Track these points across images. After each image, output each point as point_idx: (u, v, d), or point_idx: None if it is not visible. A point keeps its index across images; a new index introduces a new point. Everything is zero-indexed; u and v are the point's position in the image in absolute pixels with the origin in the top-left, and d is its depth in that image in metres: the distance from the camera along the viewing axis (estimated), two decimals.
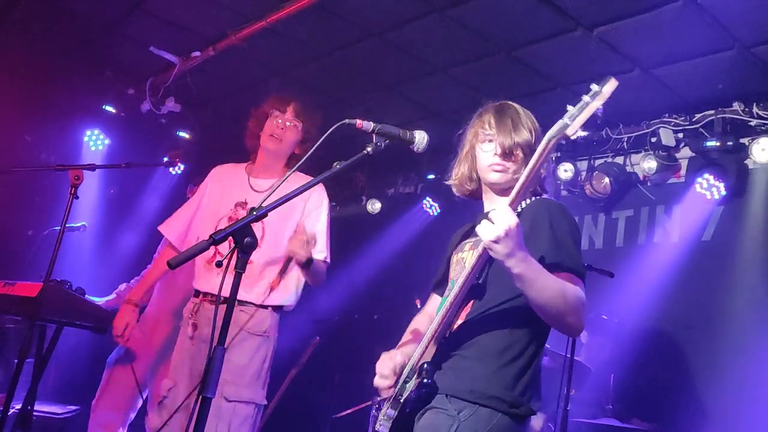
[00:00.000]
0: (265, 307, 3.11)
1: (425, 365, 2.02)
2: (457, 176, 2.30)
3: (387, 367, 2.12)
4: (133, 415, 4.18)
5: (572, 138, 1.82)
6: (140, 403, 4.19)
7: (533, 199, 2.19)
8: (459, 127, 2.35)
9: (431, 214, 6.27)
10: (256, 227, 3.07)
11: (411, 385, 2.06)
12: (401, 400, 2.06)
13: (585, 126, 6.29)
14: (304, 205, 3.26)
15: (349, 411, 4.43)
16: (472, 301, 2.07)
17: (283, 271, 3.18)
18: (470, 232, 2.29)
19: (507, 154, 2.15)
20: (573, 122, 1.81)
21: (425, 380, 1.99)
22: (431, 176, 6.26)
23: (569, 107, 1.83)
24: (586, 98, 1.82)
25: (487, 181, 2.23)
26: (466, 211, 2.74)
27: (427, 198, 6.26)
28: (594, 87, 1.83)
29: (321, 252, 3.15)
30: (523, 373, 2.02)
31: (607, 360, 4.53)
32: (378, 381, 2.14)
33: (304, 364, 5.20)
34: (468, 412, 1.95)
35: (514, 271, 1.82)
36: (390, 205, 6.64)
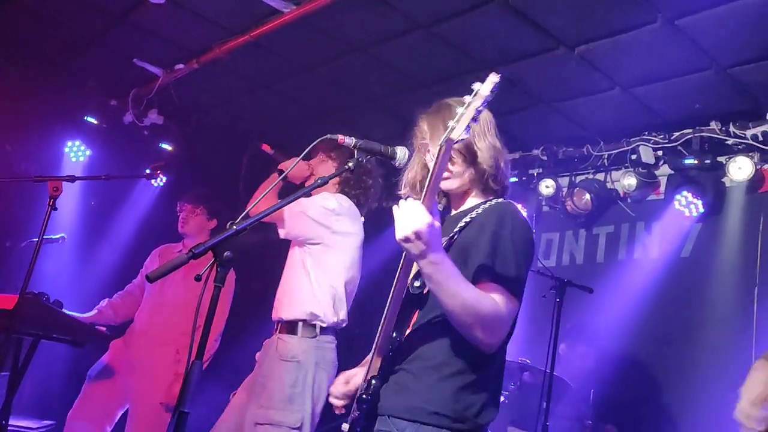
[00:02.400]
0: (293, 332, 3.17)
1: (373, 380, 1.94)
2: (406, 186, 2.20)
3: (339, 390, 2.12)
4: (109, 429, 4.13)
5: (458, 139, 1.72)
6: (118, 416, 4.14)
7: (493, 202, 2.10)
8: None
9: None
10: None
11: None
12: (354, 417, 1.98)
13: (568, 142, 6.33)
14: None
15: (324, 429, 4.38)
16: (417, 310, 1.99)
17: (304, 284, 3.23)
18: None
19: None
20: (457, 125, 1.73)
21: (364, 396, 1.91)
22: None
23: (458, 109, 1.76)
24: (467, 98, 1.74)
25: (442, 188, 2.13)
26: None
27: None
28: (475, 86, 1.75)
29: None
30: (469, 386, 1.89)
31: (585, 374, 4.56)
32: (333, 401, 2.14)
33: None
34: None
35: (424, 271, 1.77)
36: (371, 220, 6.63)
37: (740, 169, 4.47)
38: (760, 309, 4.21)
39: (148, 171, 4.69)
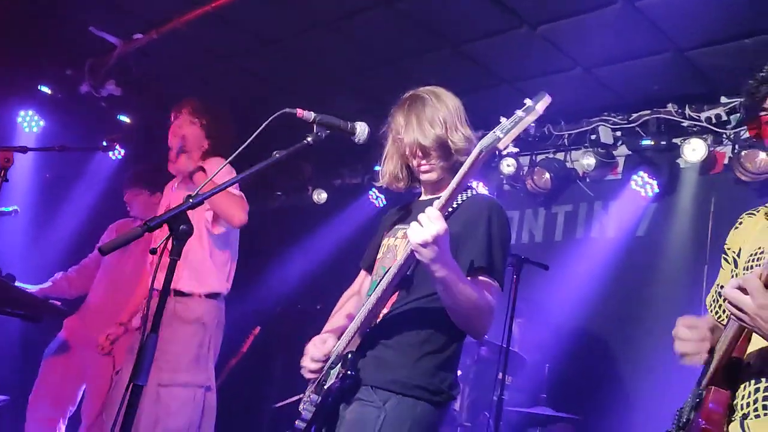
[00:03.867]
0: (196, 295, 3.20)
1: (350, 355, 2.07)
2: (385, 176, 2.32)
3: (319, 351, 2.16)
4: (73, 408, 4.10)
5: (504, 152, 1.85)
6: (80, 395, 4.10)
7: (470, 194, 2.22)
8: None
9: (377, 205, 6.30)
10: None
11: (335, 373, 2.10)
12: (325, 387, 2.10)
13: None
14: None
15: (289, 401, 4.42)
16: (397, 292, 2.13)
17: (204, 257, 3.25)
18: (404, 217, 2.31)
19: (425, 154, 2.18)
20: (505, 136, 1.83)
21: (349, 372, 2.05)
22: (378, 167, 6.26)
23: (503, 119, 1.85)
24: (519, 113, 1.83)
25: (420, 179, 2.28)
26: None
27: (373, 189, 6.28)
28: (528, 102, 1.84)
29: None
30: (444, 363, 2.11)
31: (540, 349, 4.66)
32: (308, 363, 2.18)
33: (244, 354, 5.16)
34: (393, 403, 2.03)
35: (437, 274, 1.90)
36: (336, 195, 6.63)
37: (694, 150, 4.58)
38: (709, 286, 4.33)
39: (104, 143, 4.59)
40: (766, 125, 1.78)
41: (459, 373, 3.82)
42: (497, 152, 1.87)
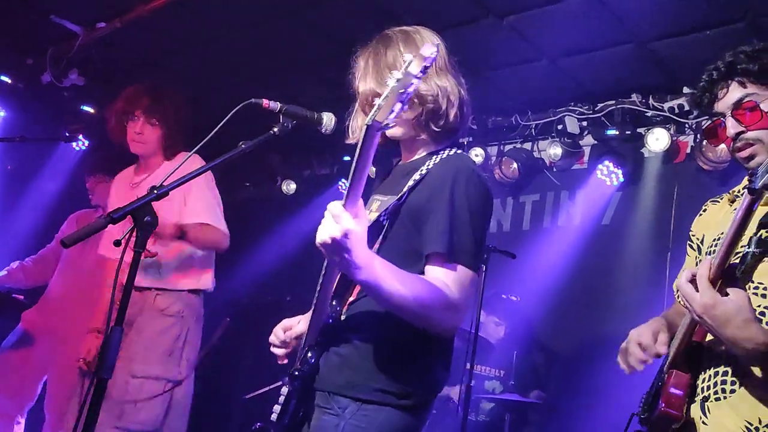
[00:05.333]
0: (177, 290, 3.18)
1: (308, 353, 1.82)
2: (354, 133, 2.01)
3: (278, 337, 2.07)
4: (31, 404, 4.03)
5: (383, 123, 1.47)
6: (39, 389, 4.03)
7: (444, 155, 1.90)
8: None
9: None
10: None
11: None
12: (287, 391, 1.88)
13: (497, 112, 6.40)
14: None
15: (259, 391, 4.41)
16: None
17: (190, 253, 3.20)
18: (380, 184, 2.06)
19: (371, 104, 1.79)
20: (384, 103, 1.48)
21: (296, 372, 1.79)
22: (347, 158, 6.27)
23: (389, 81, 1.50)
24: (396, 73, 1.48)
25: (387, 135, 1.93)
26: None
27: (343, 179, 6.27)
28: (407, 58, 1.49)
29: (195, 215, 3.18)
30: (412, 360, 1.79)
31: (508, 337, 4.72)
32: (272, 349, 2.09)
33: (214, 345, 5.12)
34: (353, 409, 1.75)
35: (355, 279, 1.60)
36: (306, 186, 6.61)
37: (657, 140, 4.66)
38: (672, 272, 4.45)
39: (66, 134, 4.50)
40: (718, 129, 1.84)
41: None
42: (378, 127, 1.49)
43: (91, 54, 5.03)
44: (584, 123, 5.14)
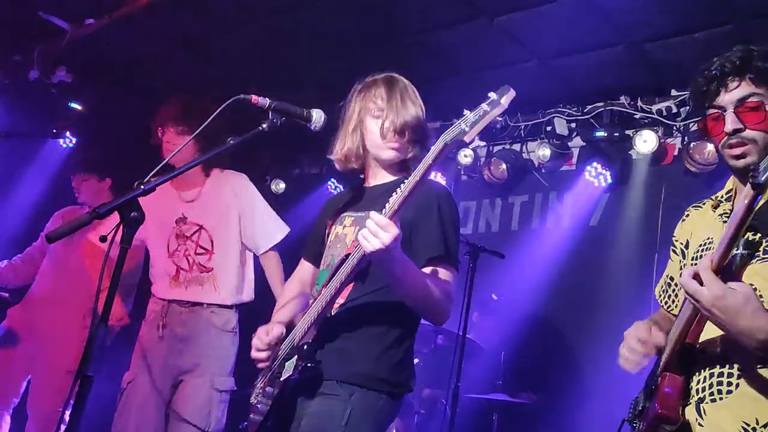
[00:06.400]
0: (230, 306, 3.34)
1: (305, 347, 2.05)
2: (342, 151, 2.24)
3: (261, 340, 2.16)
4: (16, 401, 3.99)
5: (469, 145, 1.88)
6: (23, 387, 3.99)
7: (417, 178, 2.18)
8: None
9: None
10: (205, 238, 3.30)
11: (291, 365, 2.06)
12: (281, 379, 2.07)
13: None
14: (236, 198, 3.39)
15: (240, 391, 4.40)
16: (353, 283, 2.10)
17: (239, 270, 3.40)
18: (351, 203, 2.29)
19: (400, 132, 2.15)
20: (471, 130, 1.79)
21: (309, 364, 2.03)
22: None
23: (466, 112, 1.80)
24: (484, 106, 1.79)
25: (379, 158, 2.22)
26: None
27: (332, 179, 6.26)
28: (492, 95, 1.80)
29: (269, 237, 3.39)
30: (404, 355, 2.13)
31: (496, 338, 4.73)
32: (255, 354, 2.17)
33: None
34: (359, 396, 2.03)
35: (392, 272, 1.91)
36: (295, 185, 6.59)
37: (645, 142, 4.69)
38: (660, 273, 4.47)
39: (54, 130, 4.46)
40: (713, 122, 1.82)
41: (416, 361, 3.85)
42: (462, 144, 1.85)
43: (80, 51, 5.00)
44: (573, 124, 5.17)
